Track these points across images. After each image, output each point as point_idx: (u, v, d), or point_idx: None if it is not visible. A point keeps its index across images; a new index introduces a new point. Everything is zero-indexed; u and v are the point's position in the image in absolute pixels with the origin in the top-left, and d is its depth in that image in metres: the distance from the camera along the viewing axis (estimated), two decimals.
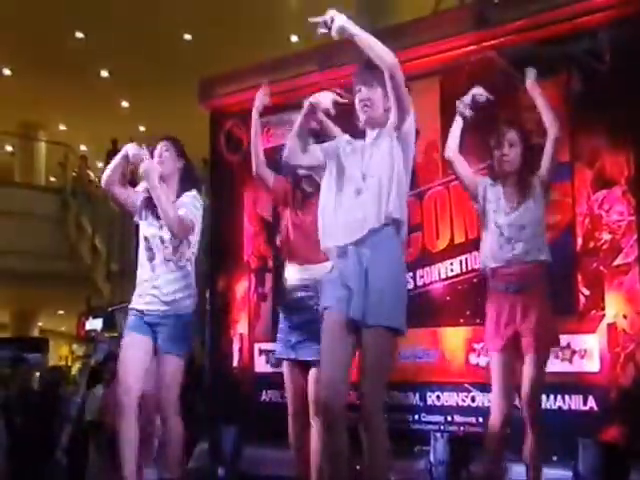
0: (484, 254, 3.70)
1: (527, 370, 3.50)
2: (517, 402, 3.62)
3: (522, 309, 3.53)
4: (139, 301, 3.67)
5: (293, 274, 3.71)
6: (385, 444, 2.81)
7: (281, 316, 3.81)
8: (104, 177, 3.72)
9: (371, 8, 9.08)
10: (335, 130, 3.47)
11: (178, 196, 3.74)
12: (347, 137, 3.14)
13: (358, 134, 3.10)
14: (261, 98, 3.82)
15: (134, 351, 3.58)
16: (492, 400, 3.62)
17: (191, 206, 3.70)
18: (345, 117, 3.11)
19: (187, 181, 3.82)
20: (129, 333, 3.63)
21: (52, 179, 16.31)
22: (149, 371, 4.25)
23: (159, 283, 3.64)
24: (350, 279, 2.83)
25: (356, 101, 3.04)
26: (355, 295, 2.81)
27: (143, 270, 3.71)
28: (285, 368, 3.76)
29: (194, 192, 3.79)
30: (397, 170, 2.92)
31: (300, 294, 3.68)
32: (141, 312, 3.63)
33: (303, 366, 3.65)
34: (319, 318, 3.21)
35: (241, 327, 6.10)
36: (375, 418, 2.78)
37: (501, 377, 3.54)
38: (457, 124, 3.81)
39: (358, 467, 3.80)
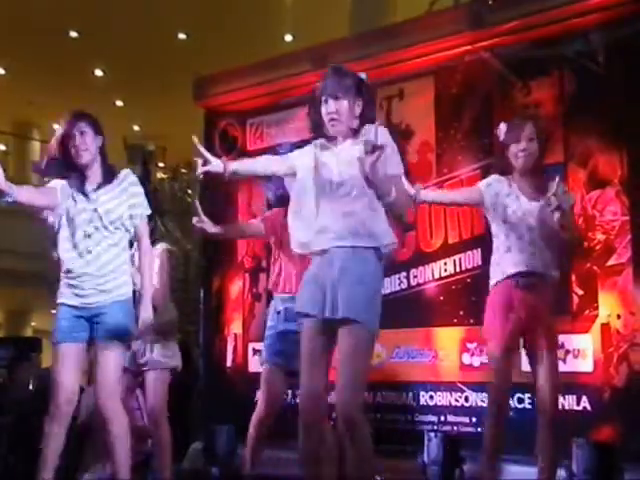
0: (498, 264, 3.54)
1: (544, 368, 3.41)
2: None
3: (530, 305, 3.43)
4: (70, 293, 3.37)
5: (280, 304, 3.81)
6: (369, 443, 2.78)
7: (268, 324, 3.87)
8: (26, 196, 3.38)
9: (367, 8, 9.09)
10: None
11: (105, 179, 3.41)
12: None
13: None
14: None
15: (69, 363, 3.33)
16: (489, 392, 3.54)
17: (146, 207, 3.46)
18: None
19: (107, 157, 3.46)
20: (61, 342, 3.34)
21: (45, 179, 16.28)
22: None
23: (93, 271, 3.34)
24: (324, 277, 2.83)
25: (323, 112, 2.91)
26: (328, 291, 2.79)
27: (71, 258, 3.38)
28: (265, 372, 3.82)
29: (127, 171, 3.46)
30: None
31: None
32: (74, 307, 3.35)
33: (284, 373, 3.74)
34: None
35: (235, 327, 6.10)
36: (356, 416, 2.74)
37: (502, 370, 3.44)
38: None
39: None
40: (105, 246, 3.39)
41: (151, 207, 3.57)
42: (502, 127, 3.61)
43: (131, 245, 3.60)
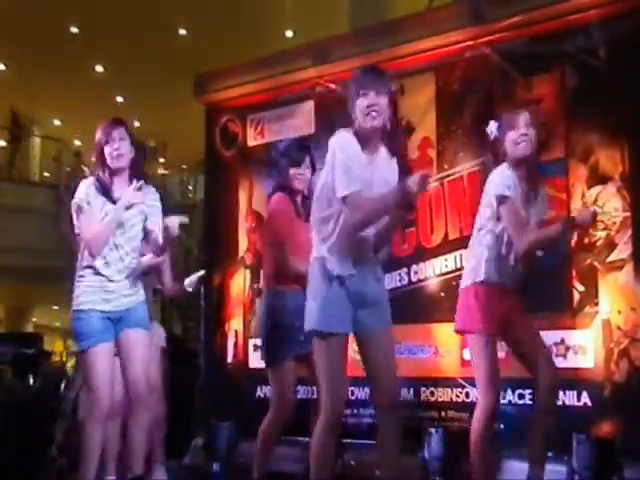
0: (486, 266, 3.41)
1: (544, 363, 3.41)
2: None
3: (515, 302, 3.44)
4: (98, 300, 3.48)
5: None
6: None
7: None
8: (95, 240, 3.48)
9: (367, 4, 9.08)
10: None
11: (133, 178, 3.57)
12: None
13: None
14: None
15: (106, 360, 3.45)
16: (480, 388, 3.42)
17: (160, 217, 3.59)
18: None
19: (137, 169, 3.61)
20: (96, 343, 3.44)
21: (46, 174, 16.28)
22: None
23: (120, 280, 3.51)
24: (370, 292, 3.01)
25: (359, 106, 2.93)
26: (377, 306, 3.02)
27: (100, 265, 3.49)
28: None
29: (151, 189, 3.62)
30: None
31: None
32: (104, 312, 3.48)
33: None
34: None
35: (236, 323, 6.10)
36: (399, 411, 3.01)
37: (492, 361, 3.37)
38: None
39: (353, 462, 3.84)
40: (129, 251, 3.54)
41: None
42: (492, 123, 3.50)
43: None
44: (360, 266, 2.99)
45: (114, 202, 3.50)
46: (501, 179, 3.38)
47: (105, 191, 3.51)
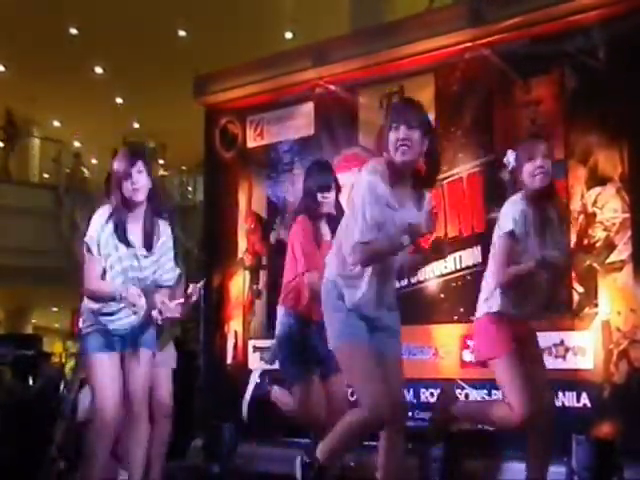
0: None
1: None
2: None
3: (527, 335, 3.52)
4: (101, 322, 3.50)
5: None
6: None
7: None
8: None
9: (367, 5, 9.09)
10: None
11: (150, 217, 3.56)
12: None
13: None
14: None
15: (111, 371, 3.47)
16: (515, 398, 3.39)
17: (173, 259, 3.63)
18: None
19: (155, 201, 3.60)
20: (99, 353, 3.48)
21: (46, 175, 16.29)
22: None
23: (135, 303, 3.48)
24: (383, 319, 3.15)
25: (390, 139, 2.95)
26: (388, 333, 3.15)
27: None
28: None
29: (168, 234, 3.63)
30: None
31: None
32: (107, 331, 3.50)
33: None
34: None
35: (235, 324, 6.10)
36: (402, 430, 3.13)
37: (523, 378, 3.36)
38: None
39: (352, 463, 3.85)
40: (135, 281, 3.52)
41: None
42: (509, 153, 3.49)
43: None
44: (375, 294, 3.08)
45: (128, 244, 3.49)
46: (512, 211, 3.40)
47: (118, 231, 3.49)
